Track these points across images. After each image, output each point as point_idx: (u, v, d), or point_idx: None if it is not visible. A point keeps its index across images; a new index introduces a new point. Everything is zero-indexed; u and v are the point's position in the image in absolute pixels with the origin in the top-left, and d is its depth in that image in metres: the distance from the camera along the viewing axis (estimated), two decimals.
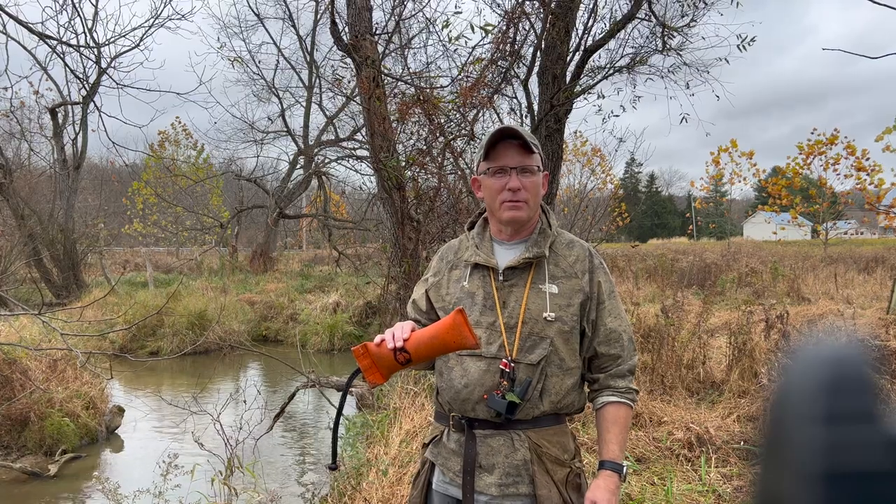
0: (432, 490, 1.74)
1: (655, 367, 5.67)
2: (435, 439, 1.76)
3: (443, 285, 1.80)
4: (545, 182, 1.73)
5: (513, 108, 7.40)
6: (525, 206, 1.67)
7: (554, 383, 1.66)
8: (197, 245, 30.09)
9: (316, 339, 11.75)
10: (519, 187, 1.65)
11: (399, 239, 6.82)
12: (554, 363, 1.65)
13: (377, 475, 3.90)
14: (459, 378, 1.68)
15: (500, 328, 1.65)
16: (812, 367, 0.31)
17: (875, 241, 39.68)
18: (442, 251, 1.88)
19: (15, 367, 6.45)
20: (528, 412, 1.63)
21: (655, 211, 68.54)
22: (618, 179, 35.22)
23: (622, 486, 1.68)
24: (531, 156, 1.66)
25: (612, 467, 1.62)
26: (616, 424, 1.66)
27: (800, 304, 10.70)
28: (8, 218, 15.27)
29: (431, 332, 1.55)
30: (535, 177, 1.67)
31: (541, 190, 1.71)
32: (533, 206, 1.69)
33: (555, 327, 1.64)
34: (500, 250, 1.74)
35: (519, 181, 1.65)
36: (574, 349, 1.68)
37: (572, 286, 1.68)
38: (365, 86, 6.48)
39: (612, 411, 1.67)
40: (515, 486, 1.61)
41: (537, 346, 1.64)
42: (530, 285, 1.67)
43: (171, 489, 3.85)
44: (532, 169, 1.66)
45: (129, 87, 8.86)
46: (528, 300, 1.65)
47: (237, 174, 21.92)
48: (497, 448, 1.63)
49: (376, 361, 1.55)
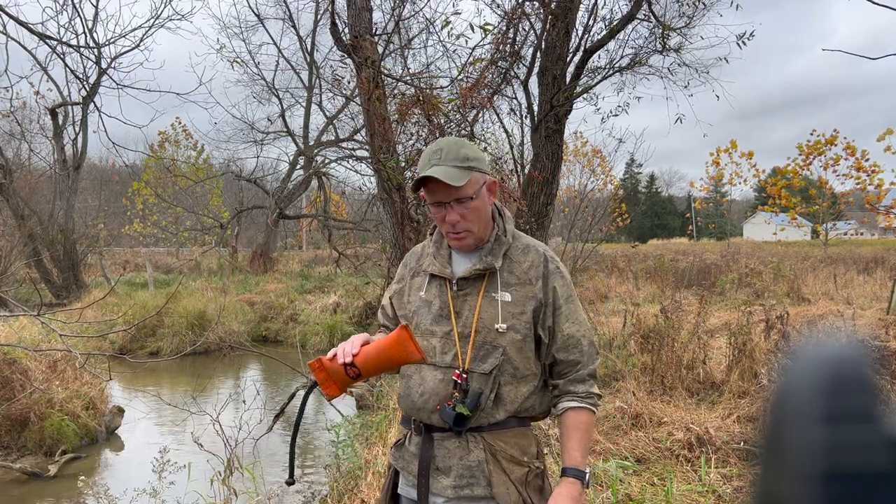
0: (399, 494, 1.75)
1: (655, 368, 5.67)
2: (398, 443, 1.79)
3: (405, 293, 1.80)
4: (493, 189, 1.68)
5: (513, 108, 7.41)
6: (468, 234, 1.65)
7: (508, 391, 1.64)
8: (197, 245, 30.10)
9: (316, 339, 11.75)
10: (457, 220, 1.63)
11: (399, 239, 6.82)
12: (507, 372, 1.63)
13: (375, 476, 3.90)
14: (416, 386, 1.69)
15: (454, 338, 1.64)
16: (812, 367, 0.31)
17: (875, 241, 39.69)
18: (406, 257, 1.87)
19: (15, 367, 6.45)
20: (482, 420, 1.62)
21: (655, 211, 68.53)
22: (618, 180, 35.19)
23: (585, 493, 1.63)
24: (462, 187, 1.60)
25: (575, 474, 1.59)
26: (577, 430, 1.62)
27: (800, 304, 10.70)
28: (8, 218, 15.27)
29: (378, 348, 1.58)
30: (474, 202, 1.62)
31: (486, 207, 1.66)
32: (478, 229, 1.66)
33: (507, 337, 1.62)
34: (457, 258, 1.72)
35: (457, 213, 1.62)
36: (528, 357, 1.66)
37: (526, 293, 1.65)
38: (364, 86, 6.48)
39: (572, 417, 1.64)
40: (470, 487, 1.60)
41: (490, 356, 1.62)
42: (483, 294, 1.65)
43: (167, 487, 3.84)
44: (466, 198, 1.61)
45: (129, 88, 8.88)
46: (481, 309, 1.64)
47: (237, 174, 21.92)
48: (452, 450, 1.63)
49: (331, 375, 1.58)
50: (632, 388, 5.30)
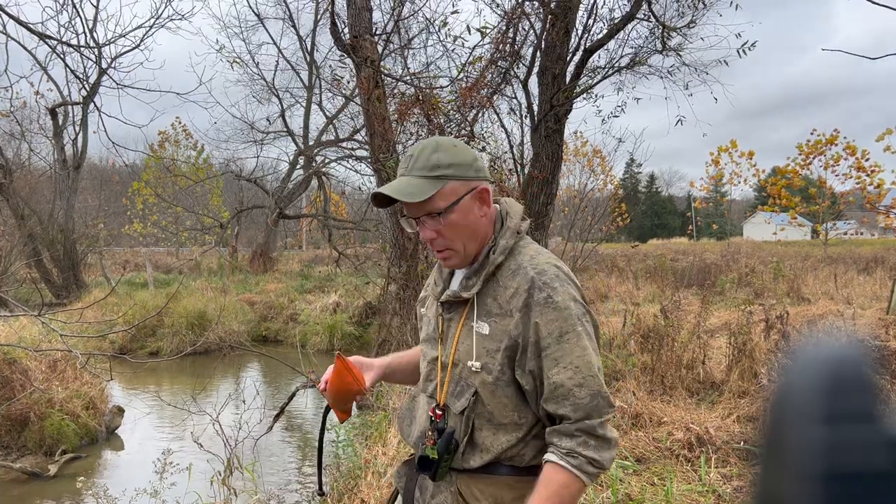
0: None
1: (655, 368, 5.67)
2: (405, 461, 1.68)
3: (425, 302, 1.65)
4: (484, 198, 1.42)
5: (512, 108, 7.42)
6: (451, 252, 1.43)
7: (484, 437, 1.41)
8: (197, 245, 30.10)
9: (316, 339, 11.75)
10: (433, 237, 1.41)
11: (399, 239, 6.82)
12: (483, 416, 1.41)
13: (375, 476, 3.90)
14: (408, 413, 1.61)
15: (438, 366, 1.48)
16: (812, 367, 0.31)
17: (875, 241, 39.67)
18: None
19: (15, 367, 6.45)
20: (457, 464, 1.43)
21: (655, 211, 68.53)
22: (618, 180, 35.22)
23: None
24: (427, 201, 1.37)
25: None
26: (544, 487, 1.30)
27: (800, 304, 10.70)
28: (8, 218, 15.28)
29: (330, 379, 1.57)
30: (452, 216, 1.38)
31: (471, 220, 1.40)
32: (464, 246, 1.42)
33: (480, 377, 1.39)
34: (458, 274, 1.52)
35: (430, 230, 1.41)
36: (504, 403, 1.39)
37: (503, 327, 1.37)
38: (364, 86, 6.48)
39: (546, 471, 1.32)
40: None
41: (463, 394, 1.42)
42: (464, 322, 1.43)
43: (168, 488, 3.85)
44: (436, 212, 1.38)
45: (130, 88, 8.89)
46: (460, 339, 1.43)
47: (237, 174, 21.93)
48: (426, 485, 1.49)
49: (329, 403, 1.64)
50: (632, 388, 5.30)
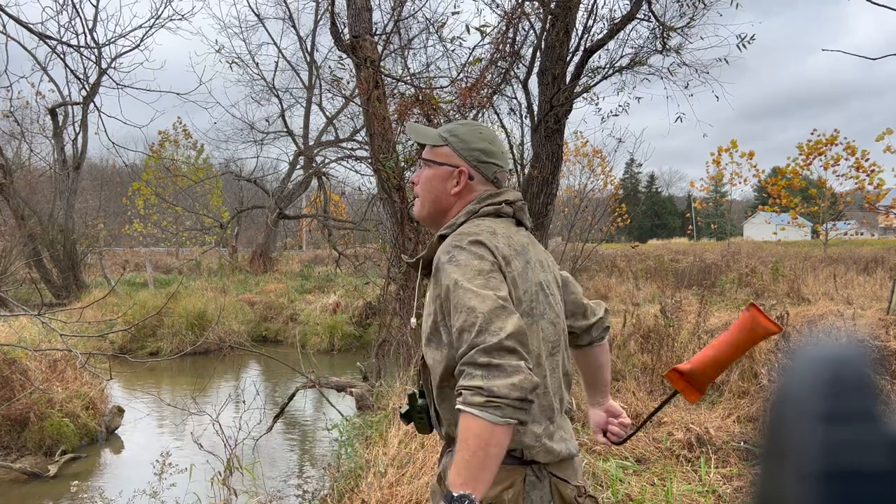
0: None
1: (655, 368, 5.67)
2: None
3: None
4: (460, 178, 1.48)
5: (512, 108, 7.42)
6: (418, 201, 1.54)
7: (445, 408, 1.41)
8: (197, 245, 30.09)
9: (316, 339, 11.75)
10: (416, 180, 1.54)
11: (399, 239, 6.82)
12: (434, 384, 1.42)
13: (376, 476, 3.90)
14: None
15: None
16: (812, 367, 0.31)
17: (875, 241, 39.65)
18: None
19: (14, 367, 6.45)
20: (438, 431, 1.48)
21: (655, 211, 68.53)
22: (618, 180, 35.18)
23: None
24: (432, 149, 1.52)
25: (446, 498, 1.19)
26: (461, 441, 1.21)
27: (800, 304, 10.69)
28: (8, 218, 15.28)
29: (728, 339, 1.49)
30: (430, 170, 1.51)
31: (439, 185, 1.49)
32: (425, 202, 1.52)
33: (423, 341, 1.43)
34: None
35: (416, 175, 1.55)
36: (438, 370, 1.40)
37: (432, 294, 1.42)
38: (364, 86, 6.48)
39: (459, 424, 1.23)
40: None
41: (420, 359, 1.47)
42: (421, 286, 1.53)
43: (167, 489, 3.85)
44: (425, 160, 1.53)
45: (130, 88, 8.85)
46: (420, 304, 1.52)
47: (237, 174, 21.94)
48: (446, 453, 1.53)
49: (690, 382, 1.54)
50: (632, 389, 5.30)
